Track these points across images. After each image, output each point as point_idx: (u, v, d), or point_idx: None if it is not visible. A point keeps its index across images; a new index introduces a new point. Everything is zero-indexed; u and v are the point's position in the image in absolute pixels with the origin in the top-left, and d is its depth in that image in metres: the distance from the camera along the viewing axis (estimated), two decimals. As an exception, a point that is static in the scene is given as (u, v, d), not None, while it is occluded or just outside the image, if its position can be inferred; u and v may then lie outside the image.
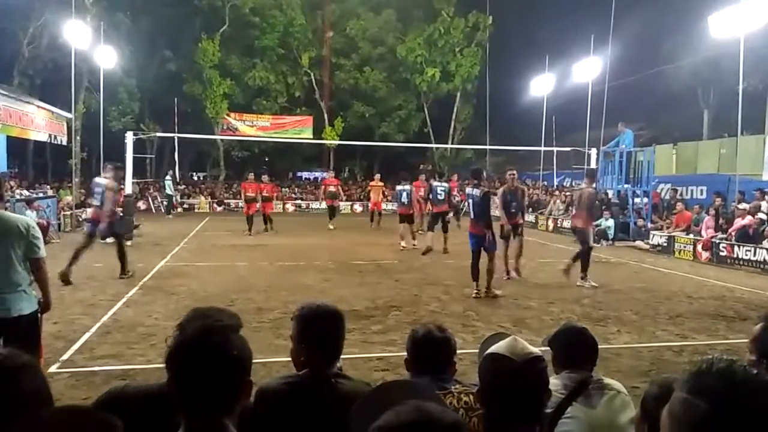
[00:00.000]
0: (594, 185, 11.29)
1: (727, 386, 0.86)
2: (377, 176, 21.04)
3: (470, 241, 8.78)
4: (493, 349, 1.59)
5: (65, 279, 8.64)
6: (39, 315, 3.85)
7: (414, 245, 13.96)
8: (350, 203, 30.63)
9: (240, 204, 22.58)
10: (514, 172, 10.80)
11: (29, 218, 3.92)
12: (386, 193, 23.77)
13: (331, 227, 18.78)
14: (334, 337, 2.08)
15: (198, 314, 1.95)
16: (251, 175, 18.35)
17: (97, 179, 10.28)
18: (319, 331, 2.05)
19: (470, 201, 8.93)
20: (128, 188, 16.03)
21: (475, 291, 8.60)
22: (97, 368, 5.15)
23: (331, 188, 19.88)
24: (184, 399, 1.34)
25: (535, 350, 1.57)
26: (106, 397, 1.82)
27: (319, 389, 1.96)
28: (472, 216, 8.84)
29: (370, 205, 21.33)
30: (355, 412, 1.47)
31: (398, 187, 14.64)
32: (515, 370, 1.50)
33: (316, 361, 2.04)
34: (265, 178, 18.95)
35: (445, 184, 14.12)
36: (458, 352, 2.12)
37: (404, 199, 14.24)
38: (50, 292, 3.96)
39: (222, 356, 1.35)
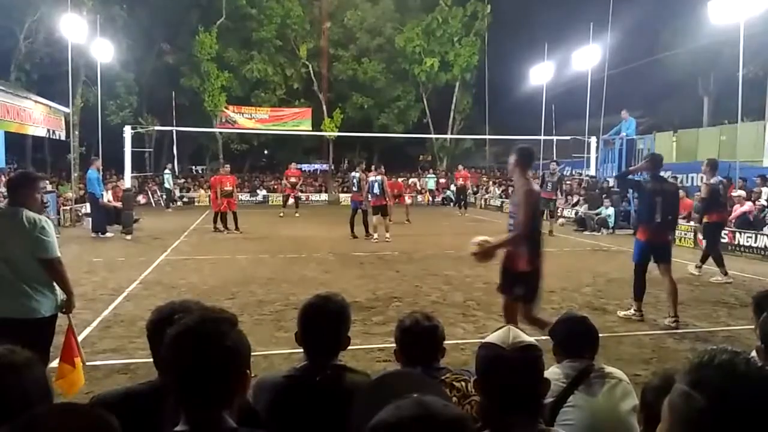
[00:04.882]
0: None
1: (727, 381, 0.84)
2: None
3: (642, 250, 6.95)
4: (487, 338, 1.59)
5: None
6: (54, 317, 3.86)
7: (387, 238, 13.66)
8: (349, 195, 30.53)
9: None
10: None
11: (41, 217, 3.74)
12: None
13: (281, 215, 20.92)
14: (331, 331, 2.06)
15: (165, 311, 1.94)
16: (228, 167, 16.93)
17: (371, 177, 13.89)
18: (316, 325, 2.05)
19: (657, 199, 6.64)
20: (127, 182, 15.99)
21: (638, 311, 6.83)
22: (98, 363, 5.15)
23: (293, 179, 21.86)
24: (182, 391, 1.34)
25: (529, 339, 1.56)
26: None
27: (317, 382, 1.96)
28: (655, 219, 6.70)
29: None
30: (356, 405, 1.46)
31: (370, 178, 13.97)
32: (504, 359, 1.50)
33: (314, 354, 2.03)
34: (227, 168, 16.97)
35: (380, 178, 13.66)
36: (460, 341, 2.10)
37: (376, 189, 13.68)
38: (72, 292, 3.95)
39: (216, 345, 1.34)
